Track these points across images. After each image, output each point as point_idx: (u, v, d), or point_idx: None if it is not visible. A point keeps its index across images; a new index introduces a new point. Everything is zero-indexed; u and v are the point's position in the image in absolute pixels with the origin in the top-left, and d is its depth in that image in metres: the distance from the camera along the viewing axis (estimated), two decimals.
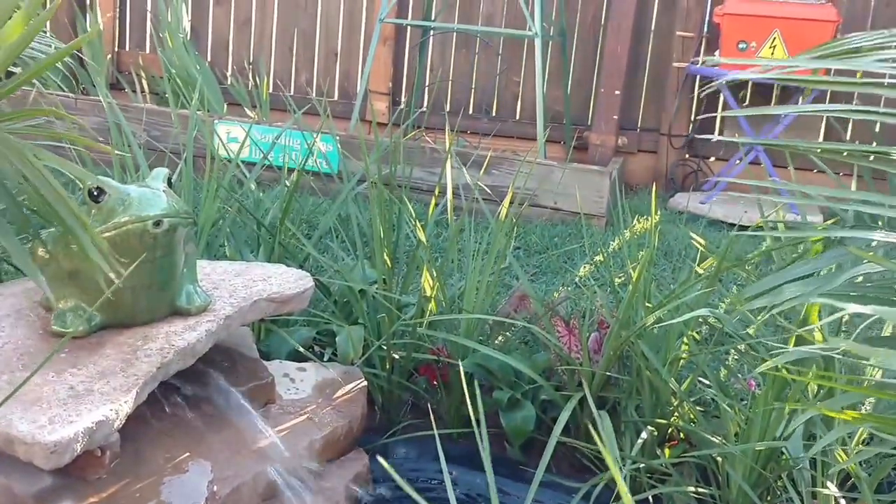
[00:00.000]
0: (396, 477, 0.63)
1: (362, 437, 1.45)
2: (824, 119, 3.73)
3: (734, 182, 3.49)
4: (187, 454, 1.15)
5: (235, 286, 1.32)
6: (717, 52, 3.54)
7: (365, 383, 1.48)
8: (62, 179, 1.07)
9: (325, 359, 1.66)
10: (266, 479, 1.19)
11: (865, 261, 0.80)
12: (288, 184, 1.98)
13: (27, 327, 1.17)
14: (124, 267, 1.11)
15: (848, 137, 3.71)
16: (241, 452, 1.21)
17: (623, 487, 0.52)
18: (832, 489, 1.21)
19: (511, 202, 1.69)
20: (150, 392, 1.08)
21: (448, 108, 4.11)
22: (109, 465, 1.06)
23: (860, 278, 0.88)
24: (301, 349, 1.61)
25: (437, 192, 1.78)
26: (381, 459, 0.78)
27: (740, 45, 3.40)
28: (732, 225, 3.20)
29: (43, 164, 1.02)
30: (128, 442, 1.09)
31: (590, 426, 1.45)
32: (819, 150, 0.96)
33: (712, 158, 3.87)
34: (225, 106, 3.85)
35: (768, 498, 1.35)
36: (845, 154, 0.92)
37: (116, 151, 1.66)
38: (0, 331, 1.16)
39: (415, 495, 0.63)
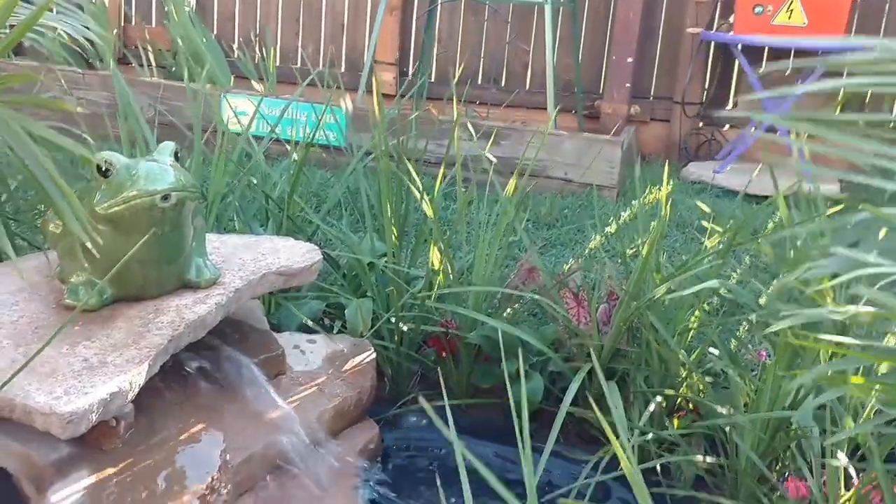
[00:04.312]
0: None
1: (372, 408, 1.47)
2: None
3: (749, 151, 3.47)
4: (200, 424, 1.16)
5: (244, 260, 1.33)
6: (732, 18, 3.50)
7: (374, 355, 1.50)
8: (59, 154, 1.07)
9: (334, 331, 1.67)
10: (277, 449, 1.21)
11: None
12: (296, 157, 1.99)
13: (41, 301, 1.19)
14: (133, 241, 1.12)
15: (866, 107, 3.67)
16: (253, 423, 1.22)
17: (624, 458, 0.53)
18: (842, 459, 1.22)
19: (521, 173, 1.69)
20: (162, 364, 1.10)
21: (456, 78, 4.09)
22: (124, 435, 1.08)
23: None
24: (310, 323, 1.63)
25: (444, 164, 1.77)
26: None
27: (756, 10, 3.35)
28: (747, 194, 3.18)
29: (30, 134, 1.02)
30: (142, 413, 1.11)
31: (591, 398, 1.45)
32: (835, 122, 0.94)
33: (726, 127, 3.84)
34: (232, 79, 3.84)
35: (777, 468, 1.36)
36: (862, 124, 0.90)
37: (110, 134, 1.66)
38: (14, 305, 1.17)
39: None
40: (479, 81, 4.14)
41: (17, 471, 1.01)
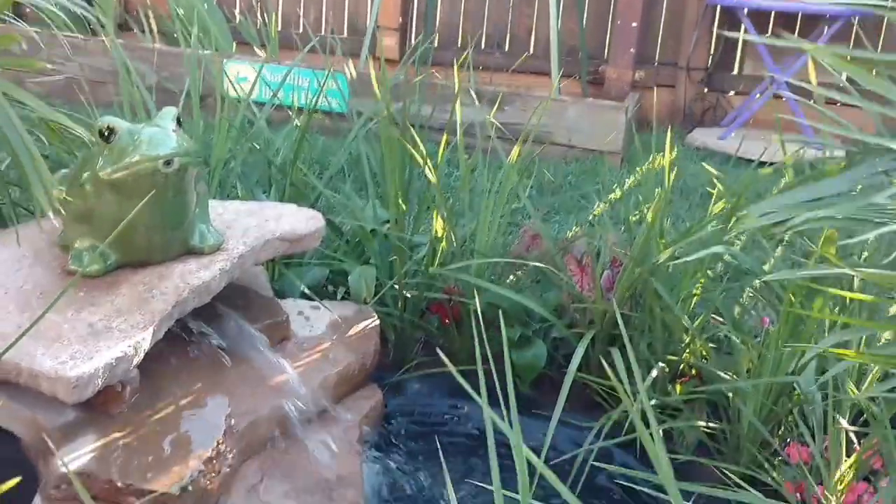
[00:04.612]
0: None
1: (376, 374, 1.47)
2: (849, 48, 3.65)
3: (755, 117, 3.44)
4: (205, 390, 1.17)
5: (248, 226, 1.33)
6: None
7: (378, 321, 1.50)
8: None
9: (338, 298, 1.68)
10: (282, 414, 1.22)
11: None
12: (298, 123, 1.98)
13: (45, 267, 1.19)
14: (136, 206, 1.12)
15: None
16: (258, 388, 1.23)
17: (638, 420, 0.53)
18: (844, 424, 1.22)
19: (524, 139, 1.68)
20: (166, 329, 1.10)
21: (459, 44, 4.05)
22: (130, 400, 1.09)
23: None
24: (317, 286, 1.63)
25: (447, 131, 1.76)
26: None
27: None
28: (751, 161, 3.16)
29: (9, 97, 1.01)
30: (147, 378, 1.12)
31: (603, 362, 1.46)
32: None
33: (732, 92, 3.81)
34: (234, 45, 3.81)
35: (779, 433, 1.36)
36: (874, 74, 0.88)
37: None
38: (19, 271, 1.18)
39: None
40: (483, 47, 4.10)
41: (25, 435, 1.02)
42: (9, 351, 0.98)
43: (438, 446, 1.47)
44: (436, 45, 3.96)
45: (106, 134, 1.09)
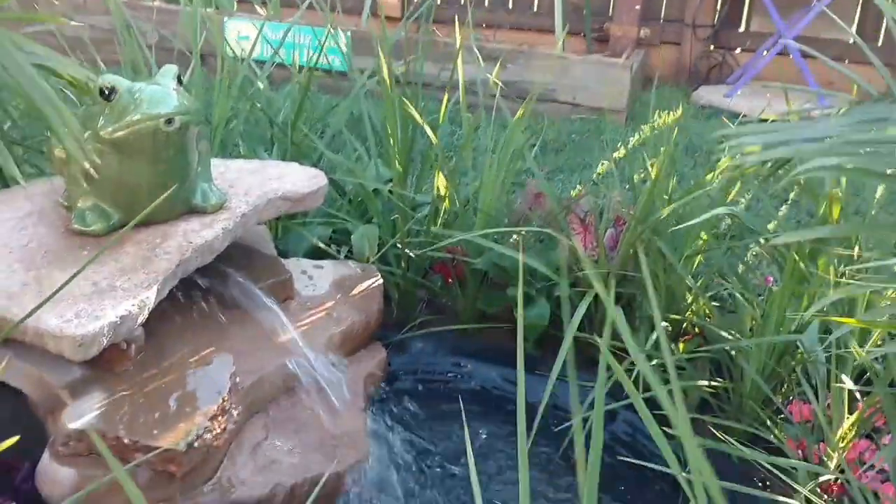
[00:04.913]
0: None
1: (379, 333, 1.48)
2: (859, 4, 3.60)
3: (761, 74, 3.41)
4: (210, 347, 1.17)
5: (250, 184, 1.32)
6: None
7: (381, 280, 1.50)
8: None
9: (341, 257, 1.68)
10: (286, 372, 1.23)
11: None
12: (300, 80, 1.96)
13: (49, 226, 1.19)
14: (138, 165, 1.12)
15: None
16: (262, 346, 1.24)
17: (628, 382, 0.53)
18: (847, 382, 1.22)
19: (528, 98, 1.67)
20: (170, 288, 1.10)
21: (462, 0, 4.00)
22: (135, 358, 1.10)
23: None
24: (321, 244, 1.63)
25: (450, 89, 1.75)
26: None
27: None
28: (758, 119, 3.14)
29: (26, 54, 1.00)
30: (152, 336, 1.12)
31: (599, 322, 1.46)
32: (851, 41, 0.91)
33: (738, 50, 3.77)
34: (235, 3, 3.76)
35: (782, 391, 1.37)
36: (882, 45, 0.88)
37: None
38: (23, 229, 1.18)
39: None
40: (487, 4, 4.05)
41: (32, 392, 1.03)
42: (15, 310, 0.98)
43: (442, 403, 1.48)
44: (438, 2, 3.91)
45: (106, 93, 1.08)
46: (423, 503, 1.28)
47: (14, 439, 0.63)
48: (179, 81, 1.13)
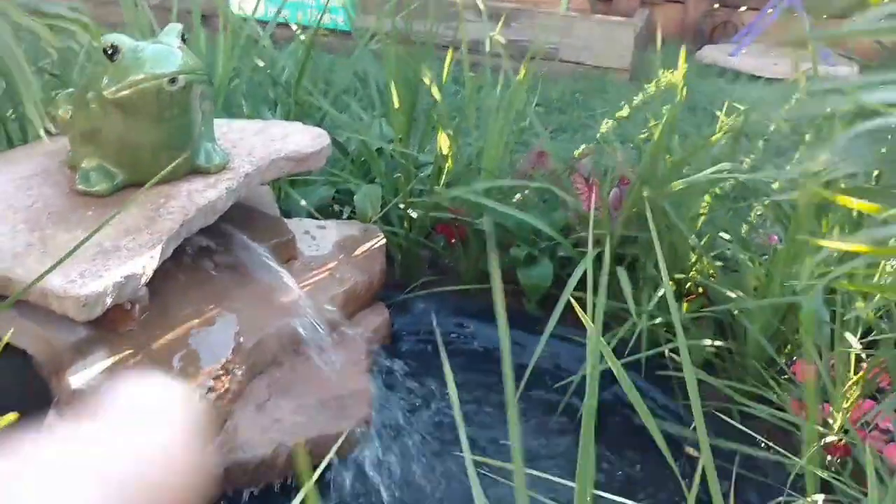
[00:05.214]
0: None
1: (382, 293, 1.48)
2: None
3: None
4: (213, 308, 1.18)
5: (254, 145, 1.31)
6: None
7: (384, 241, 1.50)
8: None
9: (343, 217, 1.67)
10: (290, 332, 1.23)
11: None
12: (303, 38, 1.94)
13: (54, 186, 1.19)
14: (142, 125, 1.11)
15: None
16: (266, 306, 1.24)
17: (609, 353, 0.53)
18: (852, 341, 1.22)
19: (531, 57, 1.65)
20: (174, 248, 1.10)
21: None
22: (139, 318, 1.10)
23: None
24: (321, 207, 1.62)
25: (453, 48, 1.73)
26: None
27: None
28: (762, 78, 3.11)
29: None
30: (155, 296, 1.12)
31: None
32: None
33: (743, 8, 3.72)
34: None
35: (785, 351, 1.37)
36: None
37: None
38: (28, 190, 1.17)
39: None
40: None
41: (37, 352, 1.03)
42: (19, 270, 0.98)
43: (444, 363, 1.49)
44: None
45: (110, 52, 1.07)
46: (423, 464, 1.29)
47: (13, 416, 0.63)
48: (183, 40, 1.12)
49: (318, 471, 0.63)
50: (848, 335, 1.22)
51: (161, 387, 0.73)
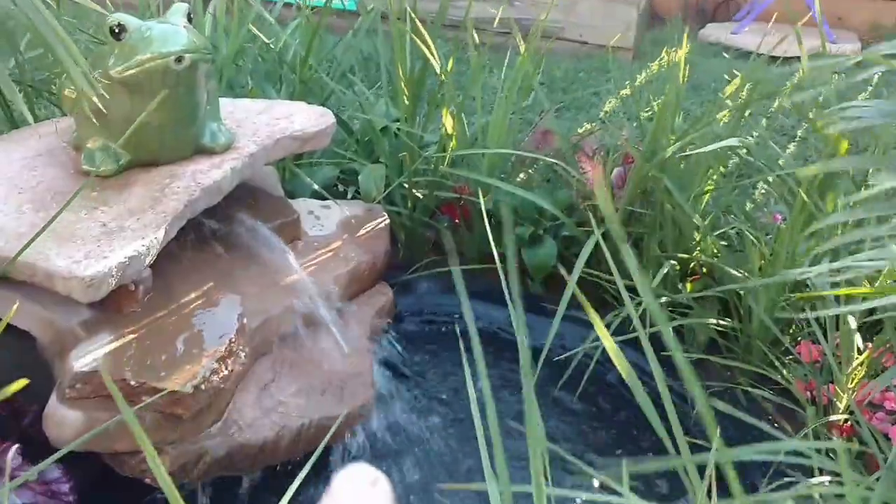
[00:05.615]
0: None
1: (386, 274, 1.48)
2: None
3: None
4: (217, 289, 1.17)
5: (258, 124, 1.31)
6: None
7: (388, 220, 1.49)
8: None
9: (348, 197, 1.67)
10: (294, 312, 1.23)
11: None
12: (309, 17, 1.93)
13: (59, 167, 1.18)
14: (148, 105, 1.10)
15: None
16: (270, 287, 1.24)
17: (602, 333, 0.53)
18: (852, 323, 1.22)
19: (535, 35, 1.64)
20: (178, 229, 1.10)
21: None
22: (143, 299, 1.09)
23: None
24: (330, 189, 1.62)
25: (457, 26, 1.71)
26: None
27: None
28: (765, 55, 3.08)
29: None
30: (159, 277, 1.12)
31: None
32: None
33: None
34: None
35: (790, 331, 1.37)
36: None
37: None
38: (33, 170, 1.17)
39: None
40: None
41: (40, 334, 1.03)
42: (24, 251, 0.98)
43: (447, 344, 1.49)
44: None
45: (116, 31, 1.06)
46: (427, 446, 1.29)
47: (23, 382, 0.63)
48: (189, 20, 1.11)
49: (317, 453, 0.63)
50: (850, 318, 1.22)
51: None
